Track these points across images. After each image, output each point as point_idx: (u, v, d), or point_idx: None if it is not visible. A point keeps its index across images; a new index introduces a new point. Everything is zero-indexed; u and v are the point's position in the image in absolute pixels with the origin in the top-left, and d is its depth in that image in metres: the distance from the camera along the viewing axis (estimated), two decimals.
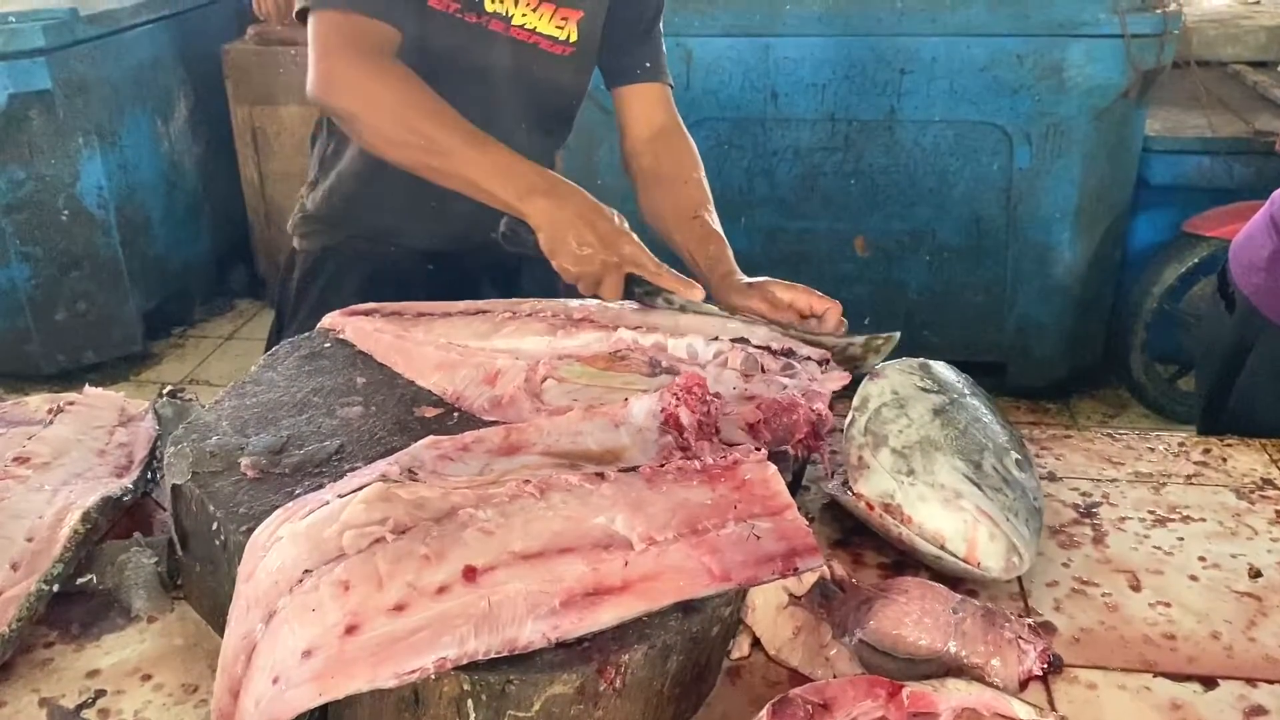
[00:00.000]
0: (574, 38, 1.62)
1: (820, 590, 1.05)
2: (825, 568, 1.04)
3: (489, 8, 1.54)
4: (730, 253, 1.58)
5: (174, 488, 1.06)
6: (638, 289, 1.39)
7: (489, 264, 1.72)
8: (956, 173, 3.28)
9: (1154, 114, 3.40)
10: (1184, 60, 3.55)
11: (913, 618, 0.99)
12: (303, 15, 1.47)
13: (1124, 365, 3.53)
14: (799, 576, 1.00)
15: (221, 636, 0.99)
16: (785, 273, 3.77)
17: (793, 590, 1.03)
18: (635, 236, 1.39)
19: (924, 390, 1.24)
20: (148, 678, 1.02)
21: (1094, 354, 3.63)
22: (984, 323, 3.48)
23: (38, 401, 1.49)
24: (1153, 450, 1.41)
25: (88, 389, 1.47)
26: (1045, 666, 0.98)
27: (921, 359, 1.32)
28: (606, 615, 0.86)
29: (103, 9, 3.70)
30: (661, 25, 1.74)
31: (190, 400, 1.44)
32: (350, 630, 0.81)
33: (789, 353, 1.27)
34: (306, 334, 1.38)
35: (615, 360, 1.26)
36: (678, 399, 1.10)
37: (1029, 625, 1.01)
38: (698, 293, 1.35)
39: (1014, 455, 1.19)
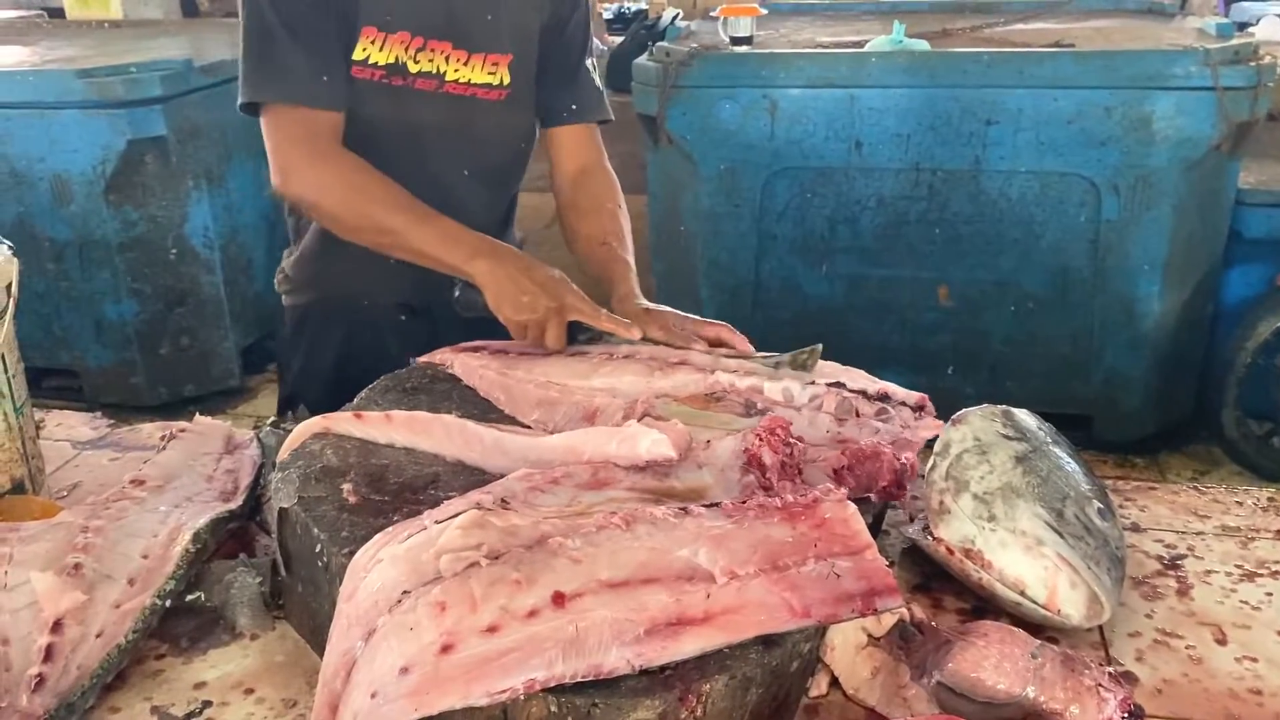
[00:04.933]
0: (506, 80, 1.67)
1: (899, 632, 1.06)
2: (904, 610, 1.06)
3: (412, 69, 1.60)
4: (632, 276, 1.62)
5: (280, 511, 1.12)
6: (581, 336, 1.46)
7: (457, 316, 1.75)
8: (1043, 223, 3.26)
9: (1248, 167, 3.34)
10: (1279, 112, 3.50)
11: (992, 661, 1.00)
12: (245, 108, 1.58)
13: (1215, 421, 3.45)
14: (878, 617, 1.02)
15: (319, 655, 1.04)
16: (868, 320, 3.78)
17: (871, 631, 1.05)
18: (574, 286, 1.47)
19: (1006, 437, 1.25)
20: (250, 691, 1.07)
21: (1183, 409, 3.55)
22: (1069, 375, 3.43)
23: (150, 429, 1.58)
24: (1240, 504, 1.39)
25: (198, 418, 1.56)
26: (1126, 715, 0.98)
27: (1004, 406, 1.33)
28: (689, 645, 0.89)
29: (214, 59, 3.89)
30: (591, 64, 1.78)
31: (291, 431, 1.51)
32: (446, 649, 0.86)
33: (884, 397, 1.29)
34: (407, 368, 1.45)
35: (711, 401, 1.29)
36: (760, 440, 1.13)
37: (1109, 673, 1.01)
38: (635, 333, 1.43)
39: (1096, 504, 1.19)
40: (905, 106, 3.20)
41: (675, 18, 4.31)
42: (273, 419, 1.56)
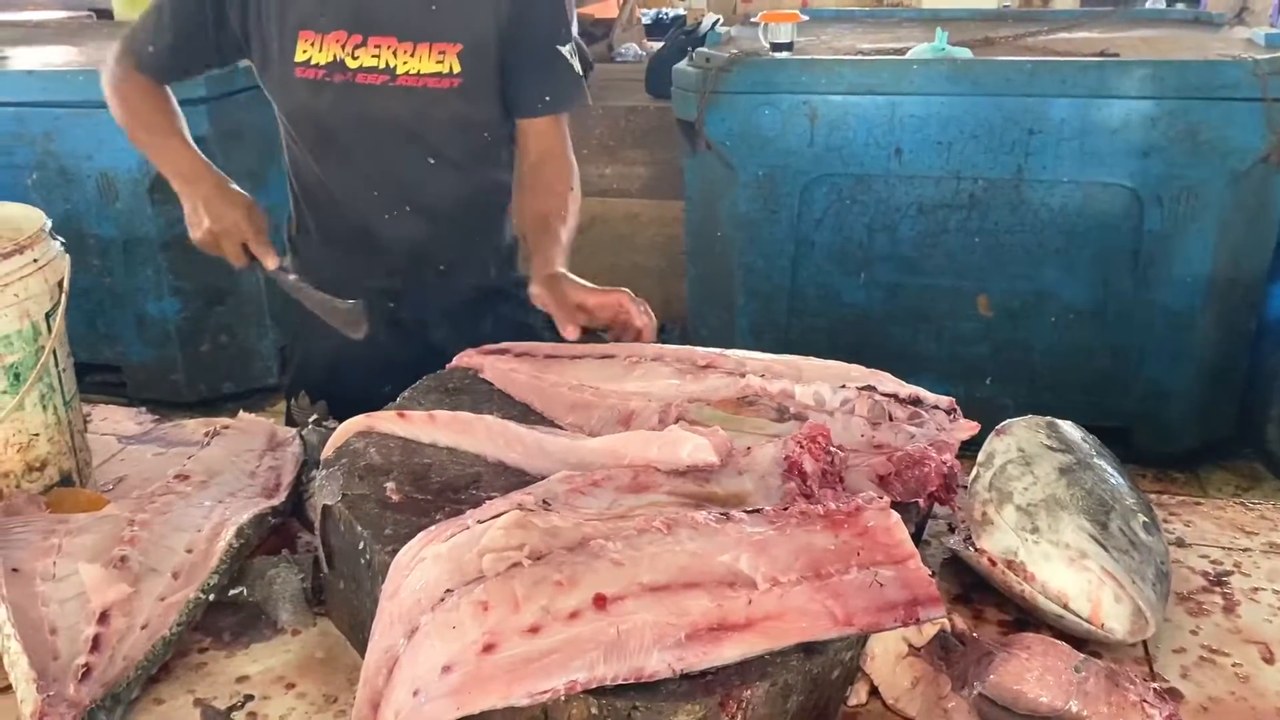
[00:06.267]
0: (456, 69, 1.68)
1: (940, 642, 1.05)
2: (946, 620, 1.05)
3: (351, 65, 1.67)
4: (557, 250, 1.65)
5: (324, 508, 1.13)
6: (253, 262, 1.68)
7: (446, 302, 1.83)
8: (1084, 234, 3.23)
9: None
10: None
11: (1034, 674, 0.99)
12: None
13: (1259, 437, 3.40)
14: (920, 626, 1.01)
15: (360, 652, 1.05)
16: (905, 329, 3.74)
17: (912, 641, 1.04)
18: (257, 217, 1.69)
19: (1050, 449, 1.24)
20: (291, 686, 1.08)
21: (1226, 424, 3.50)
22: (1109, 387, 3.39)
23: (195, 425, 1.60)
24: None
25: (241, 415, 1.58)
26: None
27: (1049, 418, 1.31)
28: (730, 650, 0.89)
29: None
30: (568, 50, 1.76)
31: (333, 429, 1.52)
32: (488, 648, 0.86)
33: (916, 401, 1.28)
34: (447, 369, 1.46)
35: (744, 405, 1.29)
36: (801, 447, 1.12)
37: (1154, 689, 1.00)
38: (270, 262, 1.68)
39: (1141, 518, 1.18)
40: (947, 114, 3.18)
41: (715, 23, 4.31)
42: (315, 415, 1.57)
